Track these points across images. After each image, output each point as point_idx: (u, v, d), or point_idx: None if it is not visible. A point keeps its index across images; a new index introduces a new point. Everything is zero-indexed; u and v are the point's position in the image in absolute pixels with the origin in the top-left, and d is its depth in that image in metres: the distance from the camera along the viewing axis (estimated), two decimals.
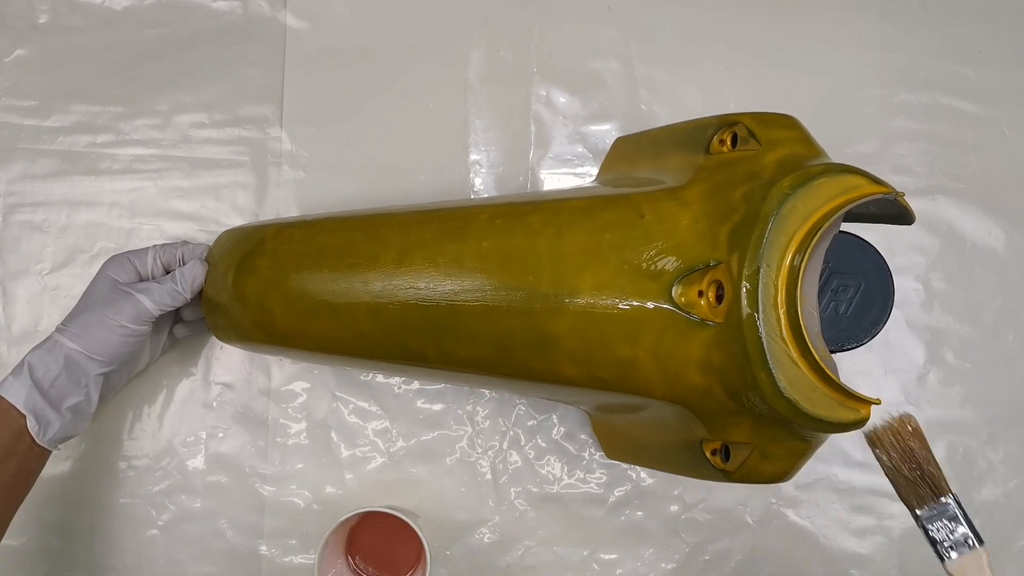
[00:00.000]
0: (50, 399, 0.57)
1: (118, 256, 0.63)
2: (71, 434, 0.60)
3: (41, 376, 0.57)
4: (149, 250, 0.64)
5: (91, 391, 0.59)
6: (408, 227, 0.57)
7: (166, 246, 0.65)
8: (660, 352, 0.46)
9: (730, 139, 0.49)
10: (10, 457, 0.55)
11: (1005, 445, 0.72)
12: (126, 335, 0.59)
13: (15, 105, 0.73)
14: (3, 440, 0.55)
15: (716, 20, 0.75)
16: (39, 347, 0.58)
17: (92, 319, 0.59)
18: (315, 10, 0.75)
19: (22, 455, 0.56)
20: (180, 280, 0.61)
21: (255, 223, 0.66)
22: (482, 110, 0.74)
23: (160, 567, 0.70)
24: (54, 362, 0.57)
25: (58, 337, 0.59)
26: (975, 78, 0.74)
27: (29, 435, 0.56)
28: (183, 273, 0.62)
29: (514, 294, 0.50)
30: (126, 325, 0.59)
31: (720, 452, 0.48)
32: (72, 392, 0.58)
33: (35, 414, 0.56)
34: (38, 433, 0.56)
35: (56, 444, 0.58)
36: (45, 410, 0.56)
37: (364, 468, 0.71)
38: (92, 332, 0.59)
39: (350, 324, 0.57)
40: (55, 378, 0.57)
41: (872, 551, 0.71)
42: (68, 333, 0.59)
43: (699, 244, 0.45)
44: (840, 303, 0.52)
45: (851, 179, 0.43)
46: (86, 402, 0.59)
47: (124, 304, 0.59)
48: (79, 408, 0.59)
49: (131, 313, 0.59)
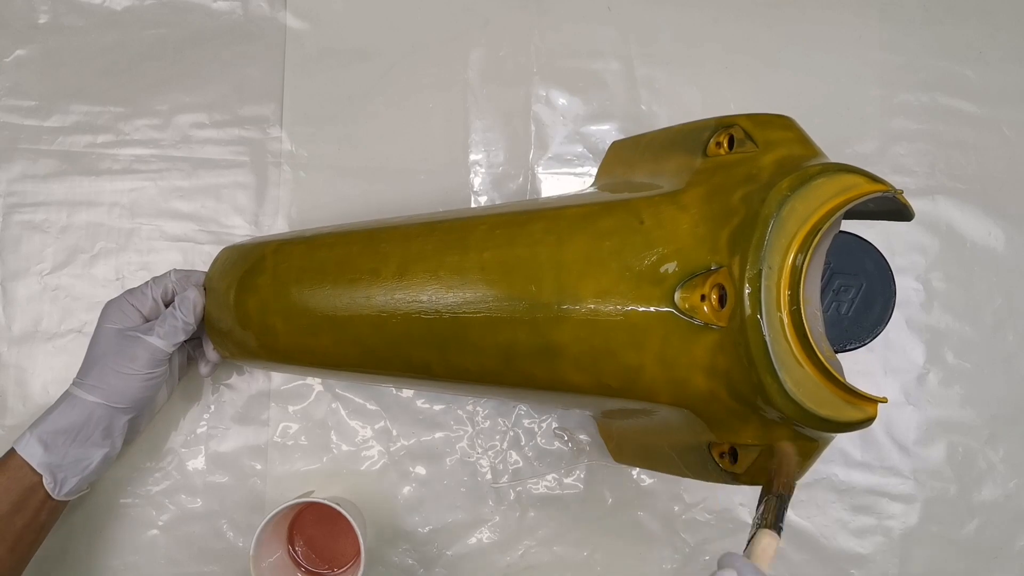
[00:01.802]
0: (69, 455, 0.56)
1: (116, 300, 0.62)
2: (91, 483, 0.59)
3: (61, 432, 0.56)
4: (145, 288, 0.63)
5: (116, 439, 0.59)
6: (408, 240, 0.56)
7: (157, 278, 0.64)
8: (665, 357, 0.46)
9: (727, 141, 0.49)
10: (18, 513, 0.54)
11: (1005, 445, 0.72)
12: (147, 380, 0.59)
13: (15, 105, 0.73)
14: (13, 496, 0.54)
15: (716, 20, 0.75)
16: (58, 403, 0.58)
17: (108, 370, 0.58)
18: (315, 10, 0.75)
19: (31, 511, 0.55)
20: (182, 312, 0.61)
21: (254, 240, 0.66)
22: (482, 110, 0.74)
23: (160, 567, 0.70)
24: (77, 416, 0.57)
25: (77, 392, 0.58)
26: (975, 78, 0.75)
27: (44, 491, 0.55)
28: (183, 304, 0.61)
29: (517, 304, 0.50)
30: (144, 371, 0.58)
31: (728, 455, 0.48)
32: (98, 444, 0.58)
33: (51, 471, 0.55)
34: (54, 490, 0.55)
35: (75, 495, 0.58)
36: (62, 467, 0.56)
37: (364, 468, 0.71)
38: (111, 382, 0.58)
39: (353, 339, 0.57)
40: (77, 433, 0.56)
41: (872, 551, 0.71)
42: (86, 387, 0.58)
43: (700, 248, 0.45)
44: (842, 303, 0.52)
45: (849, 178, 0.43)
46: (112, 451, 0.59)
47: (137, 350, 0.59)
48: (106, 458, 0.58)
49: (146, 358, 0.59)
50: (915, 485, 0.72)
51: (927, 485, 0.72)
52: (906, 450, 0.72)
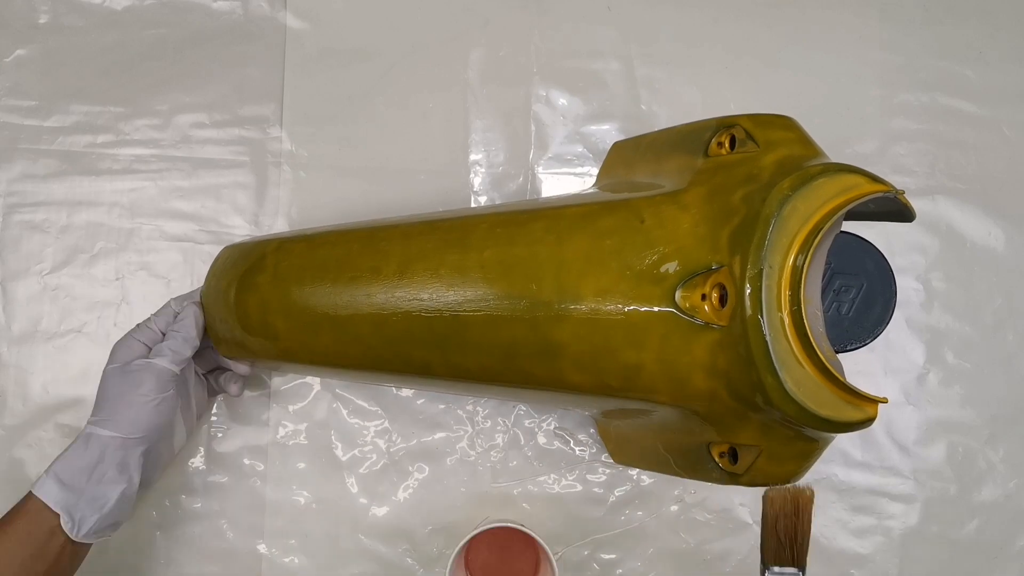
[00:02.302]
0: (86, 493, 0.55)
1: (121, 340, 0.61)
2: (113, 523, 0.58)
3: (76, 471, 0.56)
4: (148, 322, 0.62)
5: (133, 475, 0.58)
6: (409, 238, 0.56)
7: (157, 312, 0.63)
8: (665, 357, 0.46)
9: (728, 141, 0.49)
10: (40, 558, 0.53)
11: (1005, 445, 0.72)
12: (156, 405, 0.58)
13: (15, 105, 0.73)
14: (35, 540, 0.53)
15: (716, 20, 0.75)
16: (74, 443, 0.57)
17: (118, 402, 0.58)
18: (315, 10, 0.75)
19: (53, 555, 0.54)
20: (183, 327, 0.61)
21: (255, 239, 0.66)
22: (482, 110, 0.74)
23: (160, 567, 0.70)
24: (91, 452, 0.56)
25: (89, 429, 0.58)
26: (975, 78, 0.75)
27: (64, 534, 0.54)
28: (183, 320, 0.61)
29: (517, 303, 0.50)
30: (151, 395, 0.58)
31: (728, 455, 0.48)
32: (114, 480, 0.57)
33: (68, 511, 0.54)
34: (72, 530, 0.54)
35: (95, 537, 0.57)
36: (79, 506, 0.55)
37: (364, 468, 0.71)
38: (121, 414, 0.57)
39: (354, 337, 0.57)
40: (93, 469, 0.56)
41: (872, 551, 0.71)
42: (98, 422, 0.58)
43: (700, 247, 0.45)
44: (842, 304, 0.51)
45: (850, 178, 0.43)
46: (129, 487, 0.58)
47: (143, 375, 0.58)
48: (123, 495, 0.57)
49: (152, 381, 0.58)
50: (915, 485, 0.72)
51: (927, 485, 0.72)
52: (906, 450, 0.72)
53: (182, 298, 0.65)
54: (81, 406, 0.71)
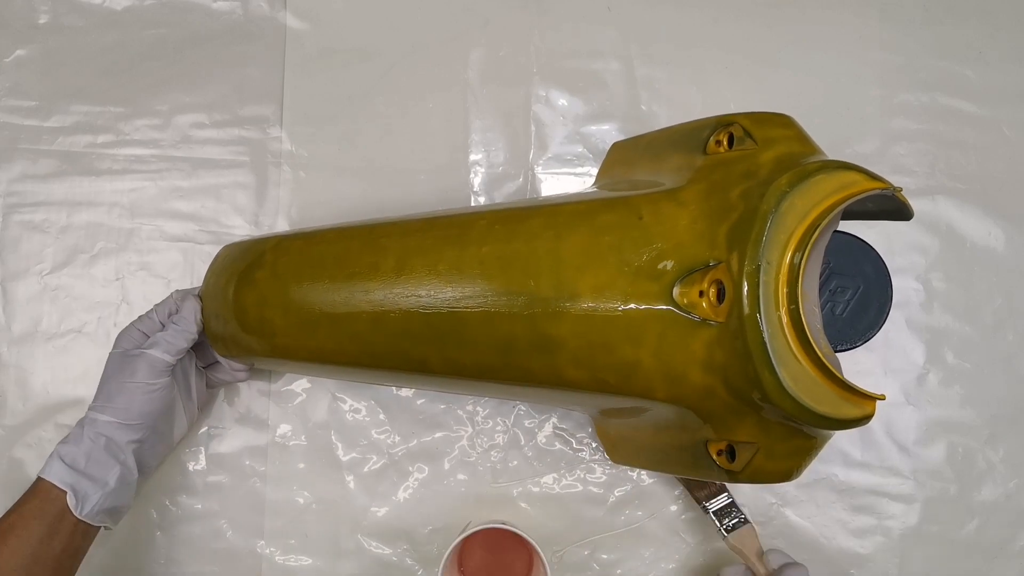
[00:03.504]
0: (88, 474, 0.58)
1: (124, 328, 0.63)
2: (114, 506, 0.60)
3: (77, 453, 0.58)
4: (150, 312, 0.64)
5: (128, 459, 0.60)
6: (407, 235, 0.56)
7: (160, 302, 0.65)
8: (662, 353, 0.46)
9: (726, 139, 0.49)
10: (55, 536, 0.56)
11: (1005, 445, 0.72)
12: (148, 391, 0.60)
13: (15, 105, 0.73)
14: (48, 519, 0.56)
15: (716, 20, 0.75)
16: (75, 427, 0.60)
17: (113, 387, 0.60)
18: (315, 10, 0.75)
19: (67, 533, 0.56)
20: (181, 319, 0.62)
21: (255, 237, 0.66)
22: (482, 110, 0.74)
23: (160, 567, 0.70)
24: (88, 436, 0.59)
25: (89, 414, 0.60)
26: (975, 78, 0.75)
27: (71, 512, 0.56)
28: (182, 312, 0.62)
29: (515, 299, 0.50)
30: (144, 381, 0.60)
31: (725, 452, 0.48)
32: (111, 463, 0.59)
33: (72, 489, 0.57)
34: (76, 507, 0.56)
35: (99, 519, 0.58)
36: (82, 483, 0.57)
37: (364, 468, 0.71)
38: (116, 399, 0.59)
39: (352, 334, 0.57)
40: (90, 452, 0.58)
41: (872, 551, 0.71)
42: (97, 408, 0.60)
43: (698, 244, 0.45)
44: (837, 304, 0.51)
45: (848, 175, 0.43)
46: (126, 471, 0.60)
47: (138, 363, 0.60)
48: (122, 478, 0.59)
49: (145, 369, 0.60)
50: (915, 485, 0.72)
51: (927, 485, 0.72)
52: (906, 450, 0.72)
53: (185, 291, 0.66)
54: (81, 406, 0.71)
